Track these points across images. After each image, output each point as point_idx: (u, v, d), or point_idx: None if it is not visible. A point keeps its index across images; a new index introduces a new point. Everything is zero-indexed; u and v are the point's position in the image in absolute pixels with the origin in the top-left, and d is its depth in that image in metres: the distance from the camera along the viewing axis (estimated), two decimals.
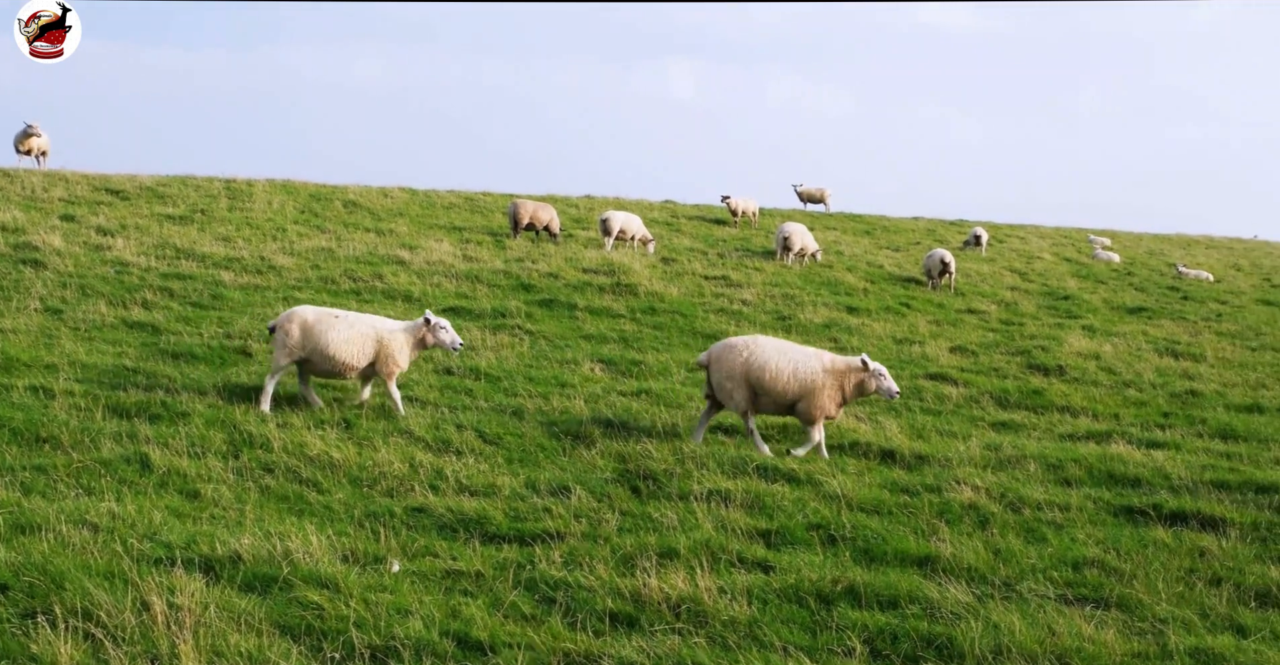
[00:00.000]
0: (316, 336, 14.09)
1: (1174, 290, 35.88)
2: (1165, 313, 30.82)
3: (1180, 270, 40.53)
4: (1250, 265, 48.40)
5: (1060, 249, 44.40)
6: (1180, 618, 9.15)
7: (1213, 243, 59.49)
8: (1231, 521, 11.77)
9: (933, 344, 22.14)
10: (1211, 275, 41.04)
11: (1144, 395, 19.22)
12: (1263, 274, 45.23)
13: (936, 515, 11.43)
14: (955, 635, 8.39)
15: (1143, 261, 43.70)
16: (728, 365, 13.98)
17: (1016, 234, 48.35)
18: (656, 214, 39.42)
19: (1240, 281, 41.14)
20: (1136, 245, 51.46)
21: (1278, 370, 23.10)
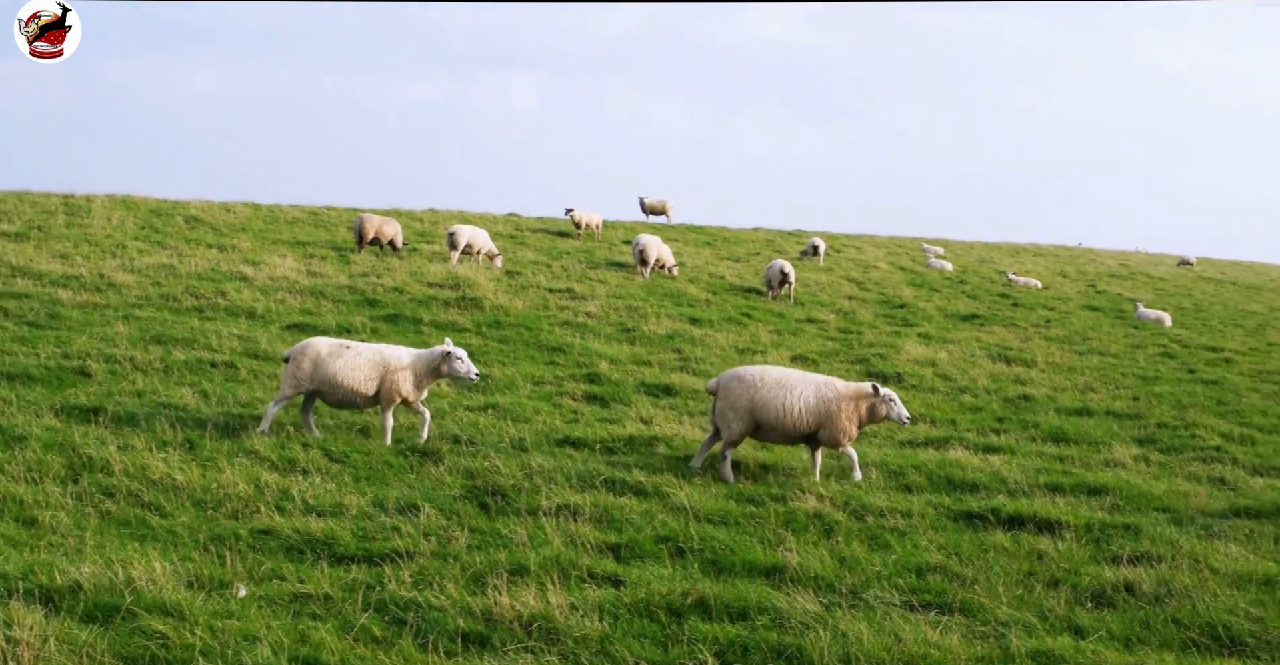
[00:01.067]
0: (326, 369, 14.15)
1: (1005, 297, 36.77)
2: (997, 319, 31.57)
3: (1010, 277, 41.52)
4: (1076, 272, 49.76)
5: (895, 258, 45.22)
6: (1021, 620, 9.38)
7: (1040, 250, 61.02)
8: (1067, 524, 12.12)
9: (774, 354, 22.42)
10: (1040, 282, 42.14)
11: (979, 401, 19.70)
12: (1088, 280, 46.53)
13: (782, 525, 11.60)
14: (804, 645, 8.51)
15: (974, 269, 44.68)
16: (734, 397, 13.90)
17: (853, 243, 49.12)
18: (501, 227, 39.39)
19: (1067, 288, 42.29)
20: (968, 253, 52.61)
21: (1105, 374, 23.80)
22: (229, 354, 18.20)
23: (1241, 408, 21.21)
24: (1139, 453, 16.55)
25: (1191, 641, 9.19)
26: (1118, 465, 15.66)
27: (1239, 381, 24.62)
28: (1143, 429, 18.44)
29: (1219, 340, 32.05)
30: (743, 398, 13.80)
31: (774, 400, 13.74)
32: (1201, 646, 9.12)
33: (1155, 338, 31.03)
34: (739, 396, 13.83)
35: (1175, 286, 49.73)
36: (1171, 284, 50.75)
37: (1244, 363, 27.93)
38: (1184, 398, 21.44)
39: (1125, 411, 19.76)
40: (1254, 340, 33.28)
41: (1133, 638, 9.21)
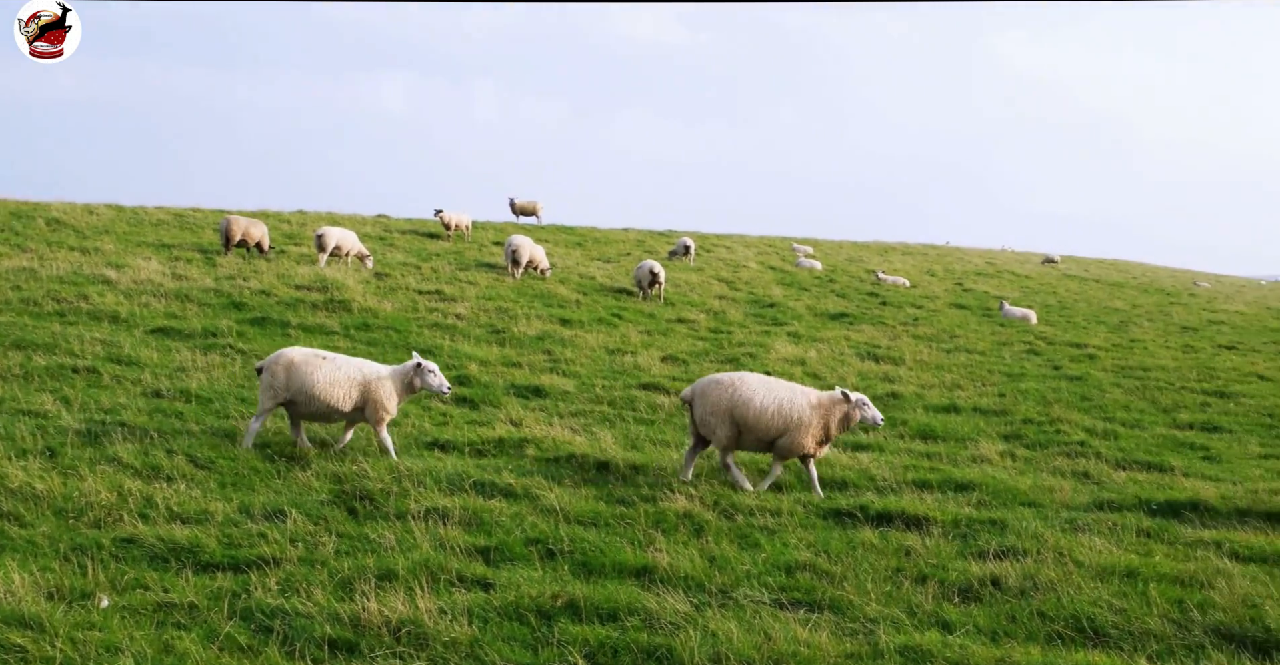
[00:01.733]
0: (302, 378, 13.80)
1: (874, 296, 37.18)
2: (866, 318, 31.90)
3: (879, 276, 42.00)
4: (944, 270, 50.45)
5: (765, 257, 45.50)
6: (889, 616, 9.44)
7: (909, 249, 61.81)
8: (934, 520, 12.25)
9: (645, 354, 22.43)
10: (908, 281, 42.69)
11: None
12: (955, 278, 47.21)
13: (653, 525, 11.57)
14: (675, 645, 8.48)
15: (844, 268, 45.12)
16: (712, 401, 13.80)
17: (723, 243, 49.36)
18: (370, 228, 39.02)
19: (935, 286, 42.86)
20: (837, 253, 53.12)
21: (971, 371, 24.14)
22: (91, 359, 17.77)
23: (1105, 403, 21.65)
24: (1005, 448, 16.81)
25: (1057, 634, 9.30)
26: (984, 461, 15.88)
27: (1102, 377, 25.13)
28: (1009, 425, 18.72)
29: (1083, 337, 32.69)
30: (722, 400, 13.76)
31: (752, 400, 13.70)
32: (1066, 639, 9.23)
33: (1021, 335, 31.57)
34: (717, 399, 13.78)
35: (1041, 284, 50.64)
36: (1037, 282, 51.67)
37: (1107, 359, 28.50)
38: (1049, 394, 21.81)
39: (992, 408, 20.06)
40: (1117, 336, 33.99)
41: (999, 631, 9.29)
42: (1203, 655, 8.98)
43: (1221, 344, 35.19)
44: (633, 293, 31.10)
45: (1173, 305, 48.22)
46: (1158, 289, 57.55)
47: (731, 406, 13.66)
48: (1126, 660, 8.74)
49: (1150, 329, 37.45)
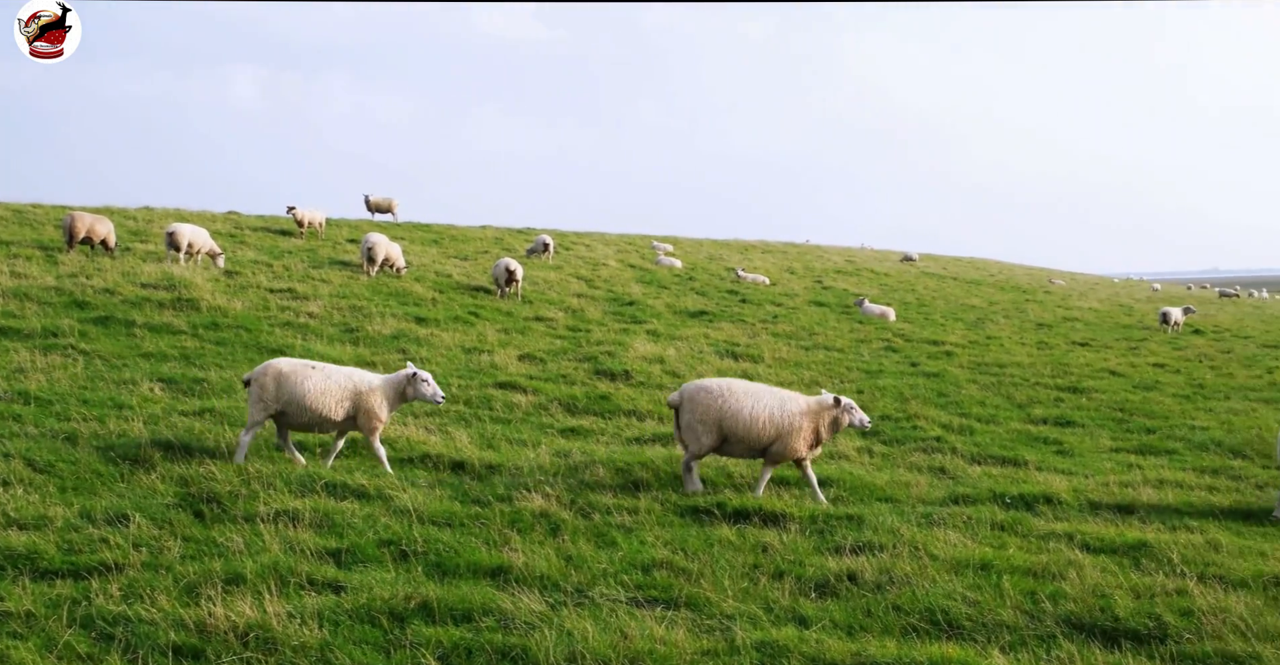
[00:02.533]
0: (292, 387, 13.50)
1: (733, 294, 37.32)
2: (725, 316, 31.99)
3: (739, 274, 42.21)
4: (803, 268, 50.88)
5: (625, 255, 45.50)
6: (746, 613, 9.40)
7: (768, 247, 62.28)
8: (791, 516, 12.25)
9: (502, 352, 22.24)
10: (768, 279, 42.97)
11: None
12: (814, 276, 47.62)
13: (508, 525, 11.42)
14: (530, 645, 8.35)
15: (703, 266, 45.28)
16: (701, 409, 13.61)
17: (583, 241, 49.28)
18: (220, 226, 38.28)
19: (794, 284, 43.18)
20: (697, 251, 53.31)
21: (830, 368, 24.29)
22: None
23: (961, 399, 21.91)
24: (863, 444, 16.92)
25: (912, 627, 9.32)
26: (842, 457, 15.96)
27: (959, 373, 25.46)
28: None
29: (940, 334, 33.13)
30: (711, 409, 13.60)
31: (742, 410, 13.57)
32: (921, 631, 9.25)
33: (880, 332, 31.89)
34: (707, 408, 13.61)
35: (899, 282, 51.30)
36: (896, 279, 52.35)
37: (964, 355, 28.90)
38: (906, 390, 22.01)
39: None
40: (973, 333, 34.50)
41: (855, 625, 9.29)
42: (1054, 645, 9.06)
43: (1075, 340, 35.91)
44: (491, 291, 30.89)
45: (1029, 303, 49.15)
46: (1014, 287, 58.65)
47: (721, 417, 13.56)
48: (979, 652, 8.77)
49: (1006, 326, 38.09)
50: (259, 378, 13.64)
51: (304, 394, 13.52)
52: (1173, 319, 43.24)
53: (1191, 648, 9.22)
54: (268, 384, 13.55)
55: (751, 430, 13.53)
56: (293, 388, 13.52)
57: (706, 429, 13.57)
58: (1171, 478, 16.08)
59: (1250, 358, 35.56)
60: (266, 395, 13.54)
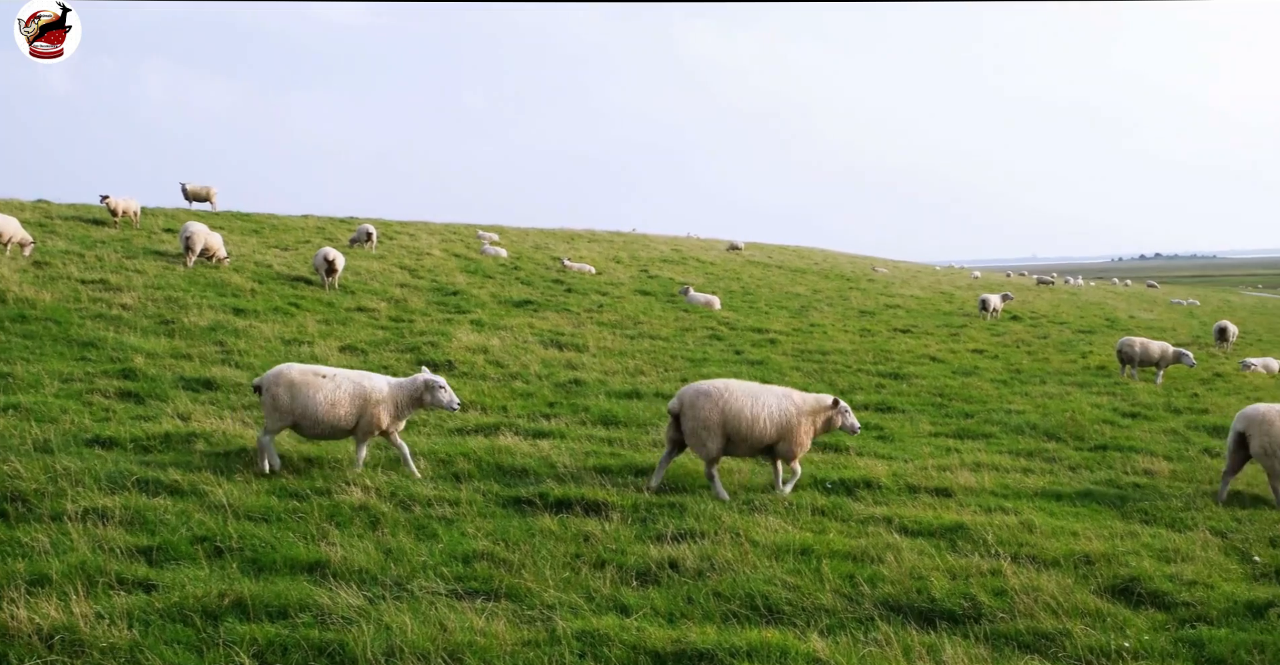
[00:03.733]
0: (305, 399, 13.26)
1: (559, 283, 37.26)
2: (550, 305, 31.93)
3: (565, 264, 42.16)
4: (630, 257, 50.98)
5: (450, 245, 45.17)
6: (567, 602, 9.36)
7: (595, 236, 62.27)
8: (613, 505, 12.25)
9: (322, 344, 21.91)
10: (594, 268, 42.97)
11: (530, 386, 19.76)
12: (640, 265, 47.75)
13: (327, 519, 11.24)
14: (347, 640, 8.21)
15: (529, 256, 45.13)
16: (704, 414, 13.47)
17: (407, 230, 48.81)
18: (29, 215, 37.01)
19: (620, 273, 43.25)
20: (523, 240, 53.13)
21: (654, 357, 24.35)
22: None
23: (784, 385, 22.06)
24: None
25: (733, 613, 9.37)
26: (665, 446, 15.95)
27: (782, 361, 25.71)
28: None
29: (765, 322, 33.45)
30: (713, 412, 13.50)
31: (744, 410, 13.55)
32: (742, 617, 9.30)
33: (704, 320, 32.09)
34: (709, 411, 13.51)
35: (725, 271, 51.68)
36: (722, 268, 52.72)
37: (788, 343, 29.21)
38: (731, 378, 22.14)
39: (673, 393, 20.21)
40: (797, 321, 34.90)
41: (677, 613, 9.30)
42: (871, 627, 9.18)
43: (897, 327, 36.54)
44: (312, 281, 30.41)
45: (852, 290, 49.88)
46: (838, 275, 59.48)
47: (724, 419, 13.50)
48: (799, 636, 8.84)
49: (830, 314, 38.61)
50: (271, 387, 13.36)
51: (316, 406, 13.31)
52: (991, 306, 44.23)
53: (1005, 626, 9.43)
54: (280, 394, 13.29)
55: (754, 430, 13.58)
56: (305, 399, 13.29)
57: (711, 433, 13.51)
58: (988, 461, 16.43)
59: (1065, 343, 36.55)
60: (281, 405, 13.28)
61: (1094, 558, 11.42)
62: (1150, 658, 9.02)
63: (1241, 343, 43.66)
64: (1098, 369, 29.95)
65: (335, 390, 13.42)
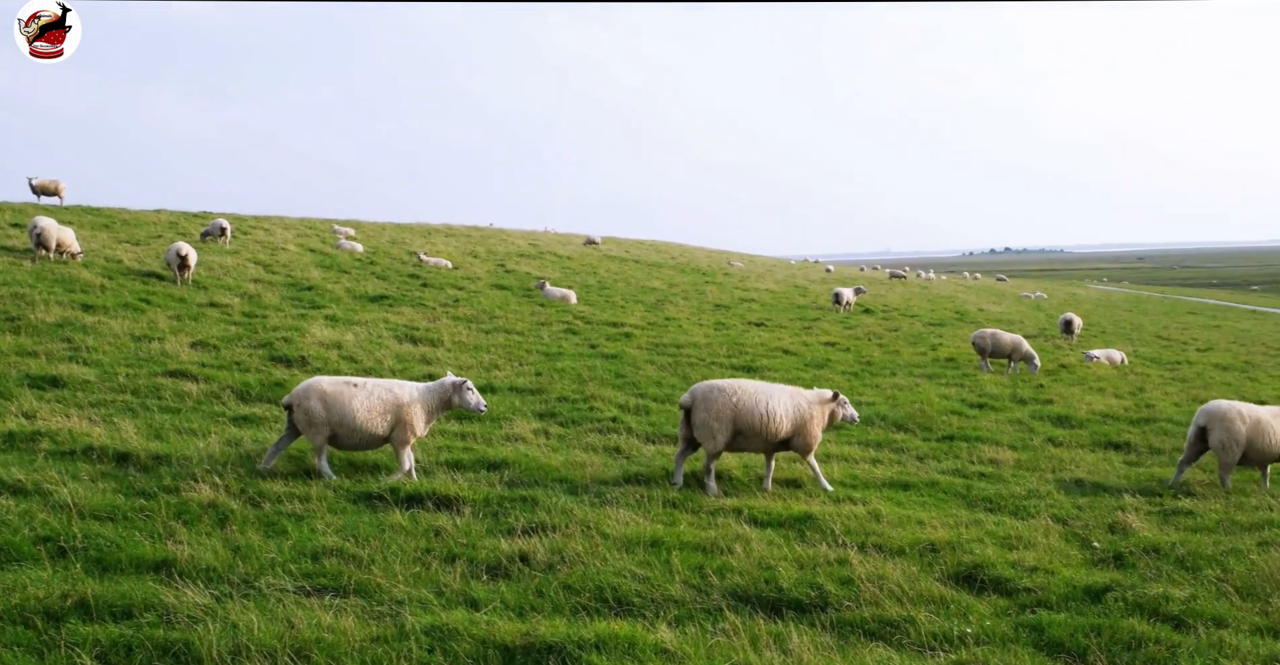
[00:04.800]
0: (341, 409, 13.26)
1: (415, 278, 37.05)
2: (406, 300, 31.75)
3: (421, 258, 41.94)
4: (486, 252, 50.85)
5: (305, 240, 44.70)
6: (417, 597, 9.36)
7: (452, 231, 62.03)
8: (465, 499, 12.26)
9: (173, 340, 21.56)
10: (451, 262, 42.80)
11: None
12: (497, 260, 47.65)
13: (174, 517, 11.10)
14: (192, 639, 8.13)
15: (385, 250, 44.82)
16: (716, 407, 13.95)
17: (262, 225, 48.22)
18: None
19: (477, 268, 43.12)
20: (380, 235, 52.75)
21: (509, 351, 24.35)
22: None
23: (638, 379, 22.22)
24: (539, 426, 17.00)
25: (582, 605, 9.43)
26: (519, 439, 16.01)
27: (637, 355, 25.82)
28: (544, 403, 18.95)
29: (620, 316, 33.55)
30: (725, 407, 13.96)
31: (757, 406, 14.03)
32: (591, 610, 9.38)
33: (561, 315, 32.11)
34: (721, 406, 13.97)
35: (582, 265, 51.71)
36: (579, 263, 52.75)
37: (642, 337, 29.33)
38: (585, 372, 22.21)
39: (528, 387, 20.27)
40: (652, 315, 35.05)
41: (527, 606, 9.35)
42: (720, 618, 9.30)
43: (751, 321, 36.84)
44: (164, 277, 29.90)
45: (708, 285, 50.16)
46: (694, 269, 59.80)
47: (736, 414, 13.97)
48: (648, 627, 8.93)
49: (685, 307, 38.82)
50: (302, 401, 13.30)
51: (353, 415, 13.31)
52: (845, 299, 44.80)
53: (851, 615, 9.62)
54: (315, 406, 13.24)
55: (769, 425, 14.06)
56: (340, 409, 13.28)
57: (722, 426, 13.96)
58: (838, 452, 16.70)
59: (916, 335, 37.16)
60: (317, 418, 13.24)
61: (939, 546, 11.68)
62: (992, 643, 9.25)
63: (1086, 335, 44.72)
64: (947, 361, 30.52)
65: (369, 398, 13.47)
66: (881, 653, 8.92)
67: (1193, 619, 9.89)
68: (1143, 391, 26.61)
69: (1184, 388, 28.49)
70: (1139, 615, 9.92)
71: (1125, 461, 17.69)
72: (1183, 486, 15.62)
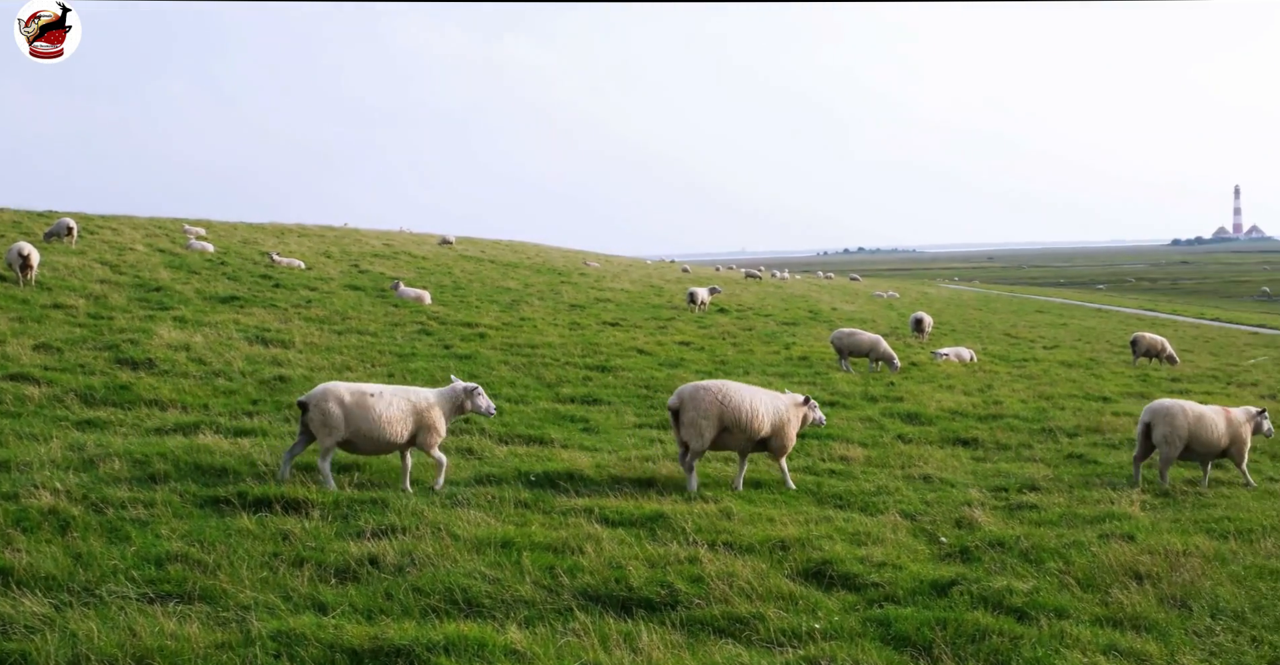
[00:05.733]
0: (359, 417, 13.30)
1: (267, 278, 36.59)
2: (258, 301, 31.33)
3: (274, 258, 41.44)
4: (340, 252, 50.39)
5: (154, 240, 43.98)
6: (264, 602, 9.24)
7: (306, 231, 61.38)
8: (314, 502, 12.13)
9: (14, 342, 21.03)
10: (304, 263, 42.34)
11: (234, 384, 19.36)
12: (351, 260, 47.24)
13: (13, 524, 10.81)
14: (30, 650, 7.95)
15: (237, 250, 44.23)
16: (704, 405, 14.64)
17: (110, 225, 47.33)
18: None
19: (330, 268, 42.72)
20: (232, 235, 52.05)
21: (362, 352, 24.13)
22: None
23: (492, 380, 22.15)
24: None
25: (432, 608, 9.40)
26: None
27: (491, 355, 25.73)
28: None
29: (475, 316, 33.41)
30: (713, 405, 14.65)
31: (743, 403, 14.79)
32: (441, 612, 9.34)
33: (415, 315, 31.89)
34: (709, 404, 14.66)
35: (437, 265, 51.43)
36: (434, 263, 52.45)
37: (497, 337, 29.24)
38: (438, 372, 22.06)
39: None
40: (508, 315, 34.96)
41: (376, 609, 9.29)
42: (570, 617, 9.33)
43: (606, 320, 36.90)
44: (6, 277, 29.16)
45: (563, 284, 50.14)
46: (550, 269, 59.74)
47: (722, 412, 14.69)
48: (497, 628, 8.93)
49: (541, 307, 38.77)
50: (319, 403, 13.29)
51: (373, 422, 13.36)
52: (700, 299, 45.04)
53: (701, 612, 9.70)
54: (333, 410, 13.25)
55: (752, 423, 14.81)
56: (360, 417, 13.33)
57: (709, 424, 14.64)
58: None
59: (770, 334, 37.48)
60: (333, 421, 13.23)
61: (789, 543, 11.82)
62: (840, 638, 9.39)
63: (937, 333, 45.44)
64: (800, 360, 30.82)
65: (389, 407, 13.53)
66: (731, 650, 8.99)
67: (1035, 611, 10.14)
68: (990, 388, 27.13)
69: (1030, 384, 29.11)
70: (983, 608, 10.13)
71: (973, 457, 18.03)
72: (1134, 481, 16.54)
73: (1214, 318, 77.57)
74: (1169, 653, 9.47)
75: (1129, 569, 11.45)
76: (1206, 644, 9.80)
